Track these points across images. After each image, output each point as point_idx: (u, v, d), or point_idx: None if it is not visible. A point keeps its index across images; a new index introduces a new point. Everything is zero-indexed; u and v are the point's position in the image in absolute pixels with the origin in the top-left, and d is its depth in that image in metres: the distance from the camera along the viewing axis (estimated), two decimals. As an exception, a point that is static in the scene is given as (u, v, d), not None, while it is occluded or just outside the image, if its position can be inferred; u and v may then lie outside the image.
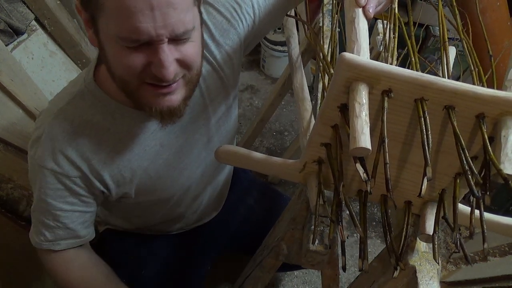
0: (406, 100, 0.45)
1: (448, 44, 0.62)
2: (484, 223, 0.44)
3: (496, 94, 0.43)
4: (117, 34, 0.53)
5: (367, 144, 0.40)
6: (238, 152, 0.63)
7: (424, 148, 0.42)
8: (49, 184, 0.67)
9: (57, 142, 0.65)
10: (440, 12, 0.64)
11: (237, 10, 0.75)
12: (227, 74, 0.77)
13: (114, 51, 0.56)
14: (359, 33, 0.50)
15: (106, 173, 0.70)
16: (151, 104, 0.60)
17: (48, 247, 0.74)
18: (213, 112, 0.78)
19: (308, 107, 0.79)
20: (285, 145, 1.91)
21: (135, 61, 0.55)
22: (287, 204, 0.77)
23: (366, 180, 0.44)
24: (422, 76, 0.43)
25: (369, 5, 0.53)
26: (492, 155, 0.42)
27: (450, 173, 0.52)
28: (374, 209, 1.69)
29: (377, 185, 0.48)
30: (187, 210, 0.92)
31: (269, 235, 0.86)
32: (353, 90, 0.44)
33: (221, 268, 1.39)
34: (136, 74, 0.57)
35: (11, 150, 1.10)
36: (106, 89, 0.66)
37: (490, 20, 1.11)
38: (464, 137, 0.47)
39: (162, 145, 0.73)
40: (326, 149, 0.54)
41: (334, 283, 0.80)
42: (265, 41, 2.08)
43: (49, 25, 1.31)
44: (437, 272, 0.57)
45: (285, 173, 0.63)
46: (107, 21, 0.53)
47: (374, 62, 0.43)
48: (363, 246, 0.52)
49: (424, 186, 0.42)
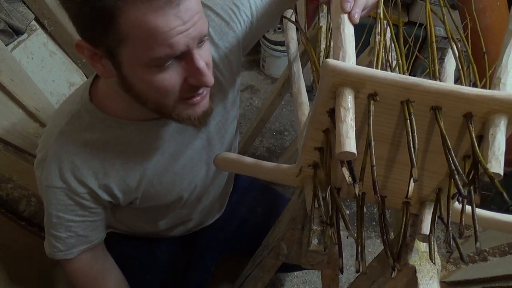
0: (392, 102, 0.46)
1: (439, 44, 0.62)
2: (476, 222, 0.44)
3: (482, 93, 0.43)
4: (151, 57, 0.52)
5: (351, 148, 0.41)
6: (236, 160, 0.64)
7: (410, 150, 0.43)
8: (60, 201, 0.70)
9: (62, 163, 0.67)
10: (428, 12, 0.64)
11: (235, 12, 0.75)
12: (225, 76, 0.77)
13: (146, 77, 0.55)
14: (344, 39, 0.51)
15: (113, 185, 0.71)
16: (189, 115, 0.62)
17: (61, 256, 0.77)
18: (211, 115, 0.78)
19: (305, 111, 0.79)
20: (285, 145, 1.91)
21: (172, 81, 0.56)
22: (287, 204, 0.78)
23: (352, 183, 0.45)
24: (406, 78, 0.43)
25: (354, 10, 0.54)
26: (479, 154, 0.42)
27: (443, 172, 0.52)
28: (374, 209, 1.69)
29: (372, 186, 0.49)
30: (193, 211, 0.92)
31: (269, 235, 0.86)
32: (338, 95, 0.45)
33: (221, 268, 1.39)
34: (176, 93, 0.58)
35: (11, 150, 1.11)
36: (104, 107, 0.67)
37: (490, 20, 1.11)
38: (453, 136, 0.47)
39: (163, 153, 0.74)
40: (320, 153, 0.55)
41: (334, 283, 0.80)
42: (265, 41, 2.08)
43: (49, 25, 1.31)
44: (437, 272, 0.57)
45: (283, 178, 0.64)
46: (135, 49, 0.52)
47: (358, 67, 0.44)
48: (360, 248, 0.52)
49: (411, 187, 0.43)
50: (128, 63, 0.54)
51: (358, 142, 0.42)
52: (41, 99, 1.23)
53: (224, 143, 0.85)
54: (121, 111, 0.67)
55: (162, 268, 1.00)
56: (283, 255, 0.77)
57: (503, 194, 0.39)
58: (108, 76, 0.58)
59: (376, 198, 0.44)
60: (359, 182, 0.45)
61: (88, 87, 0.68)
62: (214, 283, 1.42)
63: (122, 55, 0.53)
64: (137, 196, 0.76)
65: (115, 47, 0.53)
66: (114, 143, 0.69)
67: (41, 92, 1.24)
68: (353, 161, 0.45)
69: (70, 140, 0.67)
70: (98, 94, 0.68)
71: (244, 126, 1.96)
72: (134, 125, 0.68)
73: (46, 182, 0.68)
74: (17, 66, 1.16)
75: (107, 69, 0.57)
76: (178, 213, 0.89)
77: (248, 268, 0.97)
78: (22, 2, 1.26)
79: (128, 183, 0.73)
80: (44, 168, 0.67)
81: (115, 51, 0.53)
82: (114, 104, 0.67)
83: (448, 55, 0.73)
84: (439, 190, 0.54)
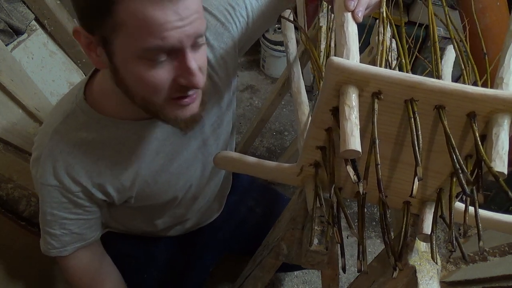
0: (396, 101, 0.45)
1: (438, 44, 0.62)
2: (479, 221, 0.44)
3: (485, 92, 0.43)
4: (142, 47, 0.52)
5: (356, 146, 0.41)
6: (236, 159, 0.63)
7: (414, 149, 0.43)
8: (54, 198, 0.70)
9: (56, 162, 0.67)
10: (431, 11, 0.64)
11: (231, 13, 0.75)
12: (220, 77, 0.78)
13: (136, 71, 0.55)
14: (348, 37, 0.51)
15: (107, 184, 0.71)
16: (176, 116, 0.62)
17: (56, 254, 0.77)
18: (206, 115, 0.78)
19: (305, 111, 0.79)
20: (285, 144, 1.91)
21: (162, 77, 0.56)
22: (287, 204, 0.78)
23: (357, 181, 0.45)
24: (410, 77, 0.43)
25: (357, 9, 0.54)
26: (483, 153, 0.42)
27: (446, 171, 0.52)
28: (374, 209, 1.69)
29: (374, 186, 0.49)
30: (189, 210, 0.92)
31: (269, 235, 0.86)
32: (342, 93, 0.45)
33: (221, 268, 1.39)
34: (164, 91, 0.57)
35: (11, 150, 1.11)
36: (98, 106, 0.67)
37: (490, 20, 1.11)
38: (457, 135, 0.47)
39: (158, 153, 0.74)
40: (322, 152, 0.55)
41: (334, 283, 0.80)
42: (265, 41, 2.08)
43: (49, 25, 1.31)
44: (437, 272, 0.57)
45: (283, 177, 0.63)
46: (128, 39, 0.52)
47: (362, 65, 0.44)
48: (361, 247, 0.52)
49: (415, 186, 0.43)
50: (120, 53, 0.54)
51: (362, 141, 0.42)
52: (41, 99, 1.23)
53: (219, 143, 0.85)
54: (115, 110, 0.67)
55: (160, 267, 1.00)
56: (283, 255, 0.77)
57: (508, 193, 0.39)
58: (102, 66, 0.59)
59: (380, 196, 0.44)
60: (363, 180, 0.45)
61: (83, 87, 0.68)
62: (214, 283, 1.42)
63: (115, 44, 0.54)
64: (131, 195, 0.76)
65: (109, 35, 0.53)
66: (109, 143, 0.69)
67: (41, 92, 1.24)
68: (356, 160, 0.45)
69: (65, 139, 0.67)
70: (93, 93, 0.68)
71: (244, 126, 1.96)
72: (128, 124, 0.68)
73: (41, 180, 0.68)
74: (17, 66, 1.16)
75: (101, 59, 0.57)
76: (174, 212, 0.89)
77: (248, 268, 0.97)
78: (22, 2, 1.26)
79: (122, 182, 0.73)
80: (39, 166, 0.68)
81: (109, 39, 0.53)
82: (109, 103, 0.67)
83: (445, 56, 0.73)
84: (440, 190, 0.54)
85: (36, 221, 1.06)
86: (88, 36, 0.55)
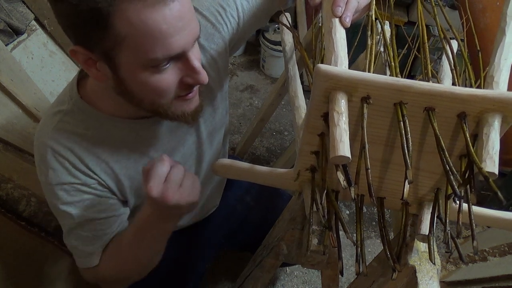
0: (385, 105, 0.46)
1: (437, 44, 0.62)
2: (473, 221, 0.44)
3: (474, 92, 0.43)
4: (150, 58, 0.53)
5: (345, 152, 0.41)
6: (234, 166, 0.64)
7: (404, 152, 0.43)
8: (75, 197, 0.67)
9: (63, 158, 0.66)
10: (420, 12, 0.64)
11: (222, 14, 0.75)
12: (212, 77, 0.78)
13: (144, 79, 0.56)
14: (336, 43, 0.51)
15: (110, 182, 0.71)
16: (184, 111, 0.64)
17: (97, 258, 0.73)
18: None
19: (302, 115, 0.80)
20: (285, 145, 1.91)
21: (169, 80, 0.57)
22: (287, 203, 0.78)
23: (347, 187, 0.45)
24: (397, 81, 0.43)
25: (345, 14, 0.55)
26: (473, 154, 0.42)
27: (440, 171, 0.52)
28: (374, 209, 1.69)
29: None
30: None
31: (269, 235, 0.87)
32: (331, 100, 0.45)
33: (220, 266, 1.40)
34: (172, 93, 0.59)
35: (11, 150, 1.11)
36: (95, 104, 0.67)
37: (490, 20, 1.11)
38: (448, 136, 0.47)
39: (157, 150, 0.75)
40: (316, 157, 0.55)
41: (334, 283, 0.80)
42: (265, 41, 2.08)
43: (49, 25, 1.31)
44: (437, 272, 0.57)
45: (281, 182, 0.64)
46: (133, 51, 0.52)
47: (349, 71, 0.44)
48: (359, 250, 0.52)
49: (406, 188, 0.43)
50: (125, 65, 0.55)
51: (353, 145, 0.42)
52: (41, 99, 1.23)
53: (213, 141, 0.86)
54: (113, 109, 0.67)
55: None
56: (283, 255, 0.77)
57: (497, 193, 0.39)
58: (102, 80, 0.58)
59: (371, 201, 0.44)
60: (355, 185, 0.46)
61: (74, 88, 0.67)
62: (214, 281, 1.42)
63: (119, 57, 0.53)
64: (131, 194, 0.75)
65: (111, 49, 0.52)
66: (108, 140, 0.69)
67: (41, 92, 1.24)
68: (348, 164, 0.45)
69: (65, 135, 0.66)
70: (88, 92, 0.67)
71: (244, 126, 1.96)
72: (126, 123, 0.69)
73: (55, 182, 0.66)
74: (17, 66, 1.16)
75: (102, 72, 0.57)
76: None
77: (248, 268, 0.97)
78: (22, 2, 1.26)
79: (122, 182, 0.72)
80: (48, 169, 0.66)
81: (111, 53, 0.53)
82: (104, 102, 0.67)
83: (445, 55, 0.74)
84: (437, 190, 0.54)
85: (36, 221, 1.06)
86: (86, 53, 0.55)
